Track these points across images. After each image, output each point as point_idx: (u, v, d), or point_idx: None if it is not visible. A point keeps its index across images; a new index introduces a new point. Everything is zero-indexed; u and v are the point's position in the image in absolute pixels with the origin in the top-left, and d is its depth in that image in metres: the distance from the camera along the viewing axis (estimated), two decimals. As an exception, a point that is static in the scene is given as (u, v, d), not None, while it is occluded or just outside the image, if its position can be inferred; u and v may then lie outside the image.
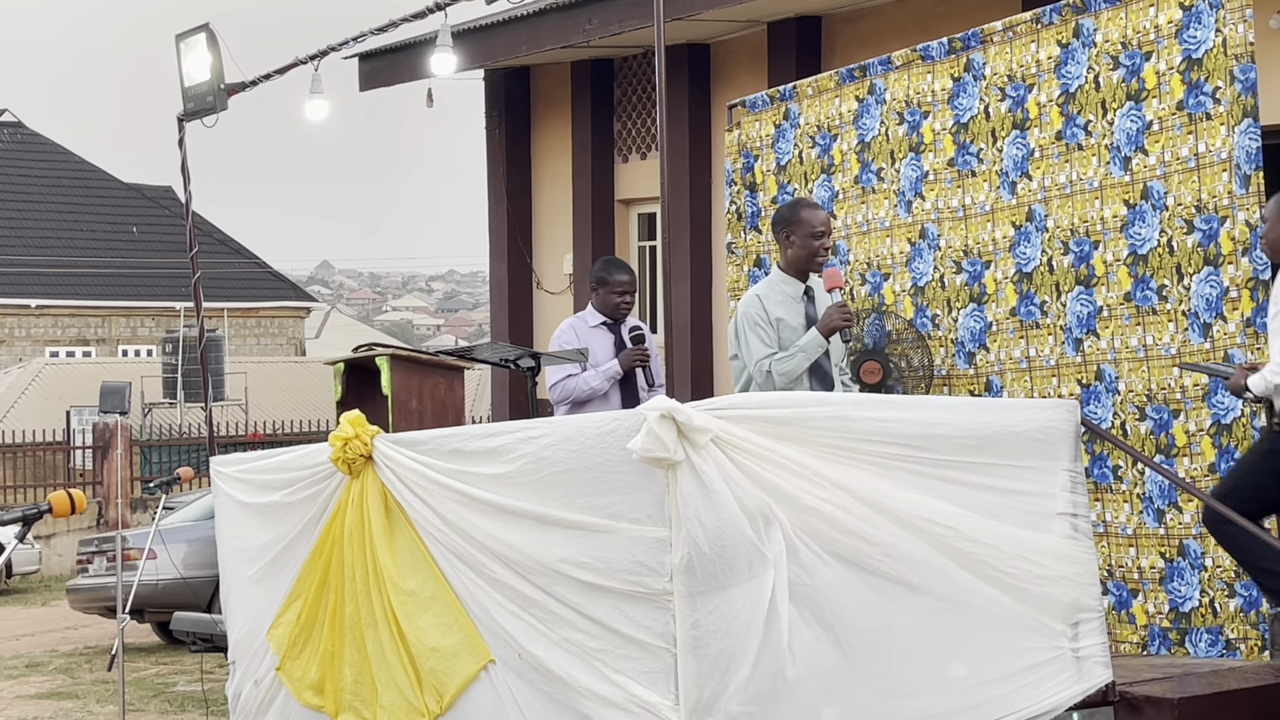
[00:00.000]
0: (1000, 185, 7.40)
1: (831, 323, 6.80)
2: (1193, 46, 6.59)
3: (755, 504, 5.18)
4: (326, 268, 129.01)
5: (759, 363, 6.77)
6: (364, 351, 7.93)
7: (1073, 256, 7.02)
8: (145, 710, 11.06)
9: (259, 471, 7.00)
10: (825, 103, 8.35)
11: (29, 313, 38.84)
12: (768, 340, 6.80)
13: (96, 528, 23.26)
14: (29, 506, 5.55)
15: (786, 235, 6.97)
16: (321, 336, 52.82)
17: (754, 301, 6.92)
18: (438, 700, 5.86)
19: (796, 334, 6.83)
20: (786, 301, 6.91)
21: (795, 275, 6.98)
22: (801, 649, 5.21)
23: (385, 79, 15.47)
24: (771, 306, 6.87)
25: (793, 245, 6.95)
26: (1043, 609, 5.70)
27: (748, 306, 6.91)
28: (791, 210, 7.04)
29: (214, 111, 7.83)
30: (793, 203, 7.23)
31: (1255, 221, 6.44)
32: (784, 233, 6.99)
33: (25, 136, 42.70)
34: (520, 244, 15.93)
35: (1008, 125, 7.35)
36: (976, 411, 5.92)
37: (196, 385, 27.30)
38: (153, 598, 13.37)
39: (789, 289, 6.95)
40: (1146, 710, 5.86)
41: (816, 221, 6.96)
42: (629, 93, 14.86)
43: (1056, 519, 5.80)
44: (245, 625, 7.07)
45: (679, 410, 5.06)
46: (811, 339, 6.79)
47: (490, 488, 5.64)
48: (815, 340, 6.79)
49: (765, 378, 6.76)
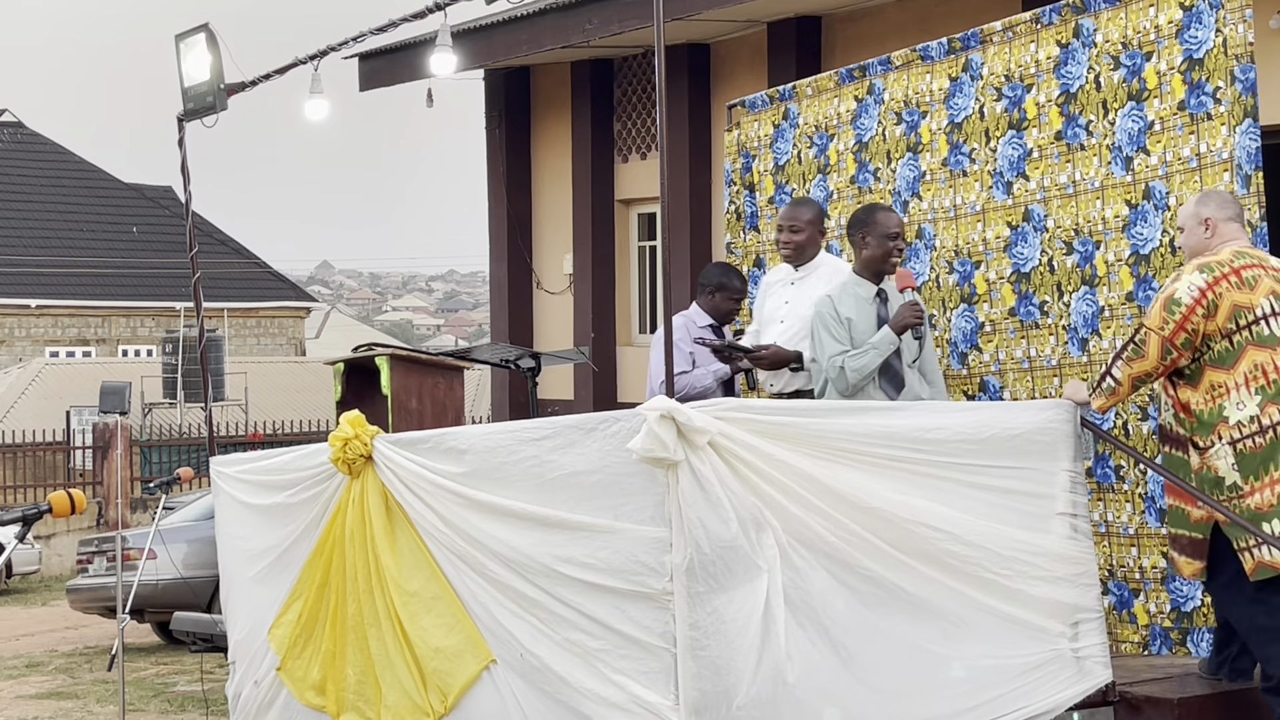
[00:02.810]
0: (993, 185, 7.39)
1: (904, 320, 6.85)
2: (1193, 47, 6.58)
3: (748, 509, 5.19)
4: (326, 268, 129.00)
5: (832, 359, 6.82)
6: (364, 351, 7.94)
7: (1077, 256, 7.01)
8: (145, 710, 11.06)
9: (259, 472, 7.00)
10: (824, 103, 8.34)
11: (29, 313, 38.84)
12: (839, 337, 6.85)
13: (96, 528, 23.25)
14: (29, 506, 5.55)
15: (861, 237, 7.02)
16: (321, 336, 52.82)
17: (826, 302, 6.99)
18: (442, 700, 5.87)
19: (867, 335, 6.89)
20: (858, 303, 6.94)
21: (869, 277, 7.03)
22: (798, 653, 5.22)
23: (385, 79, 15.46)
24: (842, 307, 6.92)
25: (867, 246, 7.00)
26: (1043, 609, 5.70)
27: (821, 308, 6.99)
28: (867, 213, 7.11)
29: (214, 111, 7.83)
30: (868, 206, 7.32)
31: (1256, 221, 6.44)
32: (859, 234, 7.04)
33: (25, 136, 42.69)
34: (520, 244, 15.93)
35: (1003, 125, 7.35)
36: (976, 413, 5.92)
37: (196, 385, 27.28)
38: (153, 598, 13.37)
39: (861, 290, 6.99)
40: (1146, 710, 5.86)
41: (891, 224, 7.02)
42: (629, 93, 14.86)
43: (1057, 519, 5.80)
44: (246, 625, 7.07)
45: (679, 410, 5.07)
46: (884, 336, 6.85)
47: (491, 489, 5.65)
48: (888, 337, 6.84)
49: (838, 374, 6.82)
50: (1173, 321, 5.77)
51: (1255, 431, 5.73)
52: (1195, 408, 5.88)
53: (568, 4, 13.07)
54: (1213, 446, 5.81)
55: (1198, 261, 5.93)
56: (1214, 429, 5.80)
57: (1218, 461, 5.80)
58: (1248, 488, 5.74)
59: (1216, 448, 5.80)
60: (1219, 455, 5.79)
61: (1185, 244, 6.17)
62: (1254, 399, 5.76)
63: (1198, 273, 5.85)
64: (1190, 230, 6.12)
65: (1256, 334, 5.80)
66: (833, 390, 6.91)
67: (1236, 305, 5.79)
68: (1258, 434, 5.73)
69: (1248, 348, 5.79)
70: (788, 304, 7.37)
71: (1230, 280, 5.82)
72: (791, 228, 7.40)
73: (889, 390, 6.88)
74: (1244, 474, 5.74)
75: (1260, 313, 5.81)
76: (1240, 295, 5.81)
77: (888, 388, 6.89)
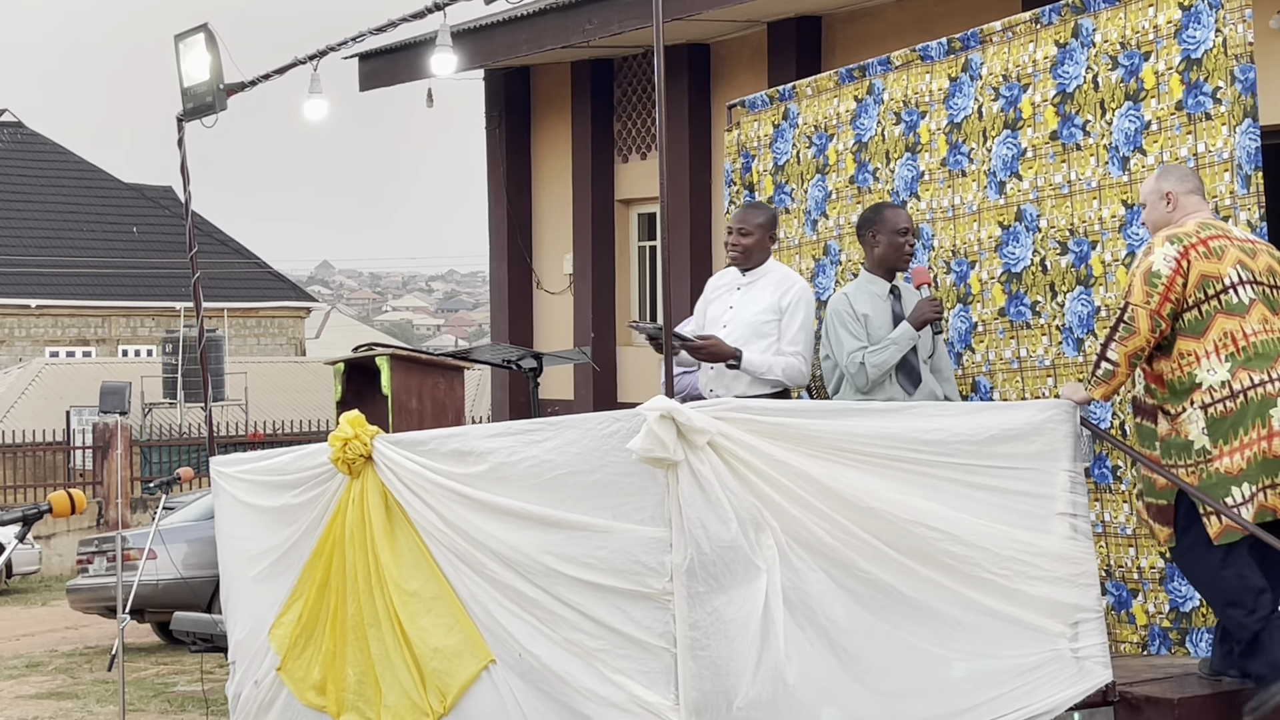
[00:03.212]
0: (988, 185, 7.40)
1: (923, 315, 6.90)
2: (1192, 46, 6.59)
3: (748, 510, 5.19)
4: (326, 268, 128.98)
5: (851, 355, 6.85)
6: (364, 351, 7.94)
7: (1072, 256, 7.02)
8: (145, 710, 11.07)
9: (259, 472, 7.00)
10: (824, 103, 8.34)
11: (29, 313, 38.84)
12: (857, 334, 6.88)
13: (96, 528, 23.25)
14: (29, 506, 5.56)
15: (872, 235, 7.07)
16: (321, 336, 52.82)
17: (841, 300, 7.04)
18: (441, 700, 5.87)
19: (883, 331, 6.93)
20: (873, 300, 6.99)
21: (882, 274, 7.08)
22: (797, 653, 5.22)
23: (385, 79, 15.46)
24: (858, 304, 6.96)
25: (878, 244, 7.05)
26: (1042, 609, 5.71)
27: (836, 304, 7.02)
28: (874, 211, 7.15)
29: (213, 111, 7.83)
30: (875, 204, 7.35)
31: (1256, 221, 6.44)
32: (869, 233, 7.08)
33: (25, 136, 42.69)
34: (520, 244, 15.93)
35: (999, 125, 7.36)
36: (975, 414, 5.93)
37: (196, 385, 27.27)
38: (153, 598, 13.38)
39: (875, 288, 7.04)
40: (1146, 710, 5.86)
41: (900, 220, 7.07)
42: (629, 93, 14.86)
43: (1056, 519, 5.81)
44: (246, 625, 7.07)
45: (679, 410, 5.07)
46: (904, 331, 6.89)
47: (491, 489, 5.65)
48: (907, 332, 6.88)
49: (858, 369, 6.86)
50: (1156, 294, 5.91)
51: (1226, 396, 5.89)
52: (1168, 377, 6.02)
53: (568, 4, 13.07)
54: (1184, 412, 5.95)
55: (1165, 233, 6.07)
56: (1187, 396, 5.94)
57: (1189, 426, 5.93)
58: (1216, 451, 5.89)
59: (1188, 413, 5.94)
60: (1190, 420, 5.94)
61: (1148, 219, 6.33)
62: (1224, 365, 5.91)
63: (1168, 244, 6.00)
64: (1152, 205, 6.26)
65: (1225, 303, 5.96)
66: (848, 388, 6.92)
67: (1204, 275, 5.95)
68: (1228, 399, 5.89)
69: (1217, 316, 5.95)
70: (732, 309, 7.25)
71: (1198, 250, 5.97)
72: (741, 230, 7.28)
73: (906, 386, 6.91)
74: (1213, 438, 5.89)
75: (1229, 281, 5.97)
76: (1208, 265, 5.96)
77: (905, 383, 6.92)
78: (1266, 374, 5.89)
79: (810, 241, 8.46)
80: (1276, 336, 5.97)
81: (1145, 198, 6.31)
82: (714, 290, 7.50)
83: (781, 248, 8.62)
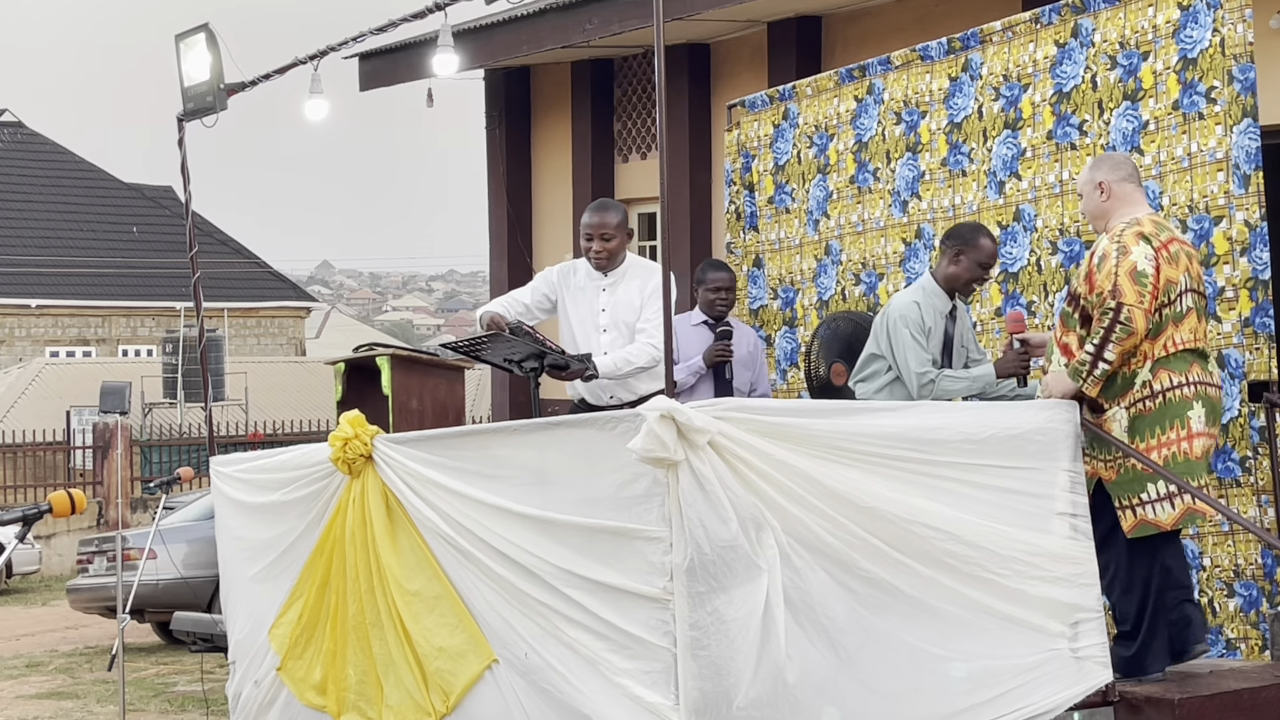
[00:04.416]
0: (988, 185, 7.41)
1: (1010, 369, 6.74)
2: (1188, 46, 6.59)
3: (748, 510, 5.19)
4: (326, 267, 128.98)
5: (924, 373, 6.67)
6: (364, 351, 7.93)
7: (1061, 256, 7.03)
8: (145, 710, 11.06)
9: (259, 471, 7.01)
10: (824, 103, 8.35)
11: (29, 313, 38.84)
12: (927, 349, 6.76)
13: (96, 528, 23.25)
14: (29, 506, 5.55)
15: (956, 253, 6.81)
16: (321, 336, 52.84)
17: (913, 308, 6.80)
18: (444, 700, 5.87)
19: (934, 350, 6.75)
20: (935, 315, 6.83)
21: (946, 290, 6.87)
22: (798, 653, 5.22)
23: (385, 79, 15.46)
24: (927, 316, 6.80)
25: (958, 264, 6.80)
26: (1042, 609, 5.71)
27: (907, 311, 6.80)
28: (972, 232, 6.87)
29: (214, 111, 7.83)
30: (975, 225, 7.03)
31: (1256, 221, 6.44)
32: (954, 249, 6.82)
33: (25, 136, 42.70)
34: (520, 244, 15.93)
35: (999, 125, 7.36)
36: (975, 413, 5.93)
37: (196, 385, 27.28)
38: (153, 598, 13.37)
39: (939, 303, 6.85)
40: (1146, 710, 5.87)
41: (990, 254, 6.83)
42: (629, 93, 14.86)
43: (1056, 519, 5.81)
44: (246, 625, 7.07)
45: (679, 410, 5.07)
46: (986, 374, 6.75)
47: (492, 488, 5.66)
48: (989, 377, 6.75)
49: (927, 384, 6.70)
50: (1147, 293, 5.93)
51: (1147, 395, 5.99)
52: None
53: (568, 4, 13.07)
54: (1111, 410, 6.03)
55: (1134, 231, 6.04)
56: (1122, 394, 6.02)
57: (1112, 424, 6.03)
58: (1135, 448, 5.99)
59: (1113, 411, 6.03)
60: (1114, 418, 6.03)
61: (1084, 210, 6.35)
62: (1146, 365, 5.99)
63: (1143, 242, 5.99)
64: (1087, 196, 6.28)
65: (1175, 310, 6.00)
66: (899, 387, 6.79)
67: (1169, 280, 5.99)
68: (1148, 398, 5.99)
69: (1170, 321, 6.00)
70: (605, 311, 7.19)
71: (1163, 254, 6.00)
72: (603, 236, 7.12)
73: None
74: (1132, 436, 6.00)
75: (1181, 288, 6.02)
76: (1170, 270, 6.01)
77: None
78: (1185, 377, 5.98)
79: (811, 241, 8.47)
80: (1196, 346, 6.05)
81: (1080, 189, 6.33)
82: (569, 289, 7.35)
83: (782, 247, 8.64)
